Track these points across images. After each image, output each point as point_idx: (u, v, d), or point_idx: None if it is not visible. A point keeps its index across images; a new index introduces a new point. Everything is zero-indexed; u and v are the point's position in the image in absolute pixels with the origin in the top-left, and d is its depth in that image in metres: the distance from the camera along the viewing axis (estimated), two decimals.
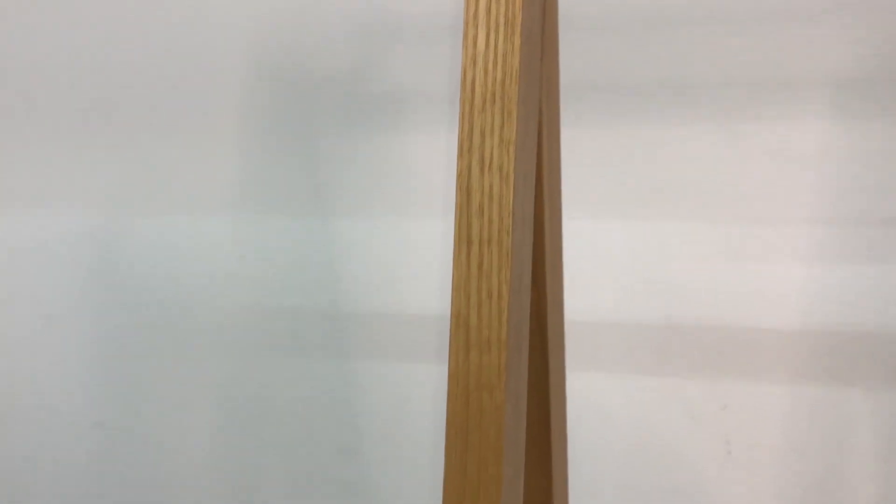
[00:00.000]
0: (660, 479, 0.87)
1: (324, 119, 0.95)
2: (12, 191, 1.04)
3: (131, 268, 1.01)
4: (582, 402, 0.82)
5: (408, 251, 0.93)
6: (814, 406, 0.84)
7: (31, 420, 1.05)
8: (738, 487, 0.86)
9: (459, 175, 0.39)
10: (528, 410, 0.51)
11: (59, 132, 1.02)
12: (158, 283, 1.00)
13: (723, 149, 0.84)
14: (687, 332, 0.86)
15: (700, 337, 0.86)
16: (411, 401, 0.94)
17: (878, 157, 0.81)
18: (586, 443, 0.86)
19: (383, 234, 0.94)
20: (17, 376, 1.05)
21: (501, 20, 0.38)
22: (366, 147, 0.93)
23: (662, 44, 0.84)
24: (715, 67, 0.83)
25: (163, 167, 0.99)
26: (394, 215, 0.93)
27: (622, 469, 0.88)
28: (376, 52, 0.93)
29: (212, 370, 1.00)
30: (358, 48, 0.93)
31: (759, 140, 0.83)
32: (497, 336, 0.39)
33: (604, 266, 0.87)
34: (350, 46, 0.93)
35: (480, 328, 0.39)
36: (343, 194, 0.94)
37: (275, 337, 0.98)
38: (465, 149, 0.38)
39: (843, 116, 0.81)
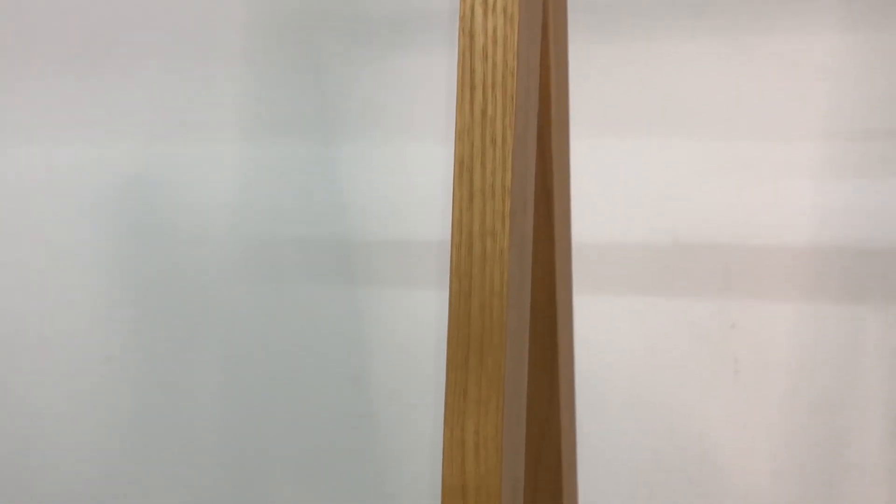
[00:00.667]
0: (667, 399, 0.87)
1: (327, 45, 0.94)
2: (15, 123, 1.03)
3: (136, 199, 1.00)
4: (589, 325, 0.82)
5: (411, 176, 0.92)
6: (823, 324, 0.83)
7: (40, 355, 1.05)
8: (746, 407, 0.85)
9: (462, 18, 0.38)
10: (533, 314, 0.51)
11: (61, 63, 1.01)
12: (164, 214, 1.00)
13: (733, 62, 0.83)
14: (695, 251, 0.85)
15: (708, 256, 0.85)
16: (417, 327, 0.94)
17: (891, 70, 0.80)
18: (593, 364, 0.86)
19: (387, 159, 0.93)
20: (25, 311, 1.05)
21: None
22: (368, 72, 0.92)
23: None
24: None
25: (165, 96, 0.98)
26: (397, 140, 0.93)
27: (629, 389, 0.87)
28: None
29: (219, 301, 1.00)
30: None
31: (771, 53, 0.82)
32: (501, 182, 0.38)
33: (610, 185, 0.87)
34: None
35: (485, 175, 0.38)
36: (346, 120, 0.94)
37: (281, 266, 0.97)
38: None
39: (856, 28, 0.80)
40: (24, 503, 1.07)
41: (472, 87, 0.38)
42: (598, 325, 0.87)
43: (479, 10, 0.38)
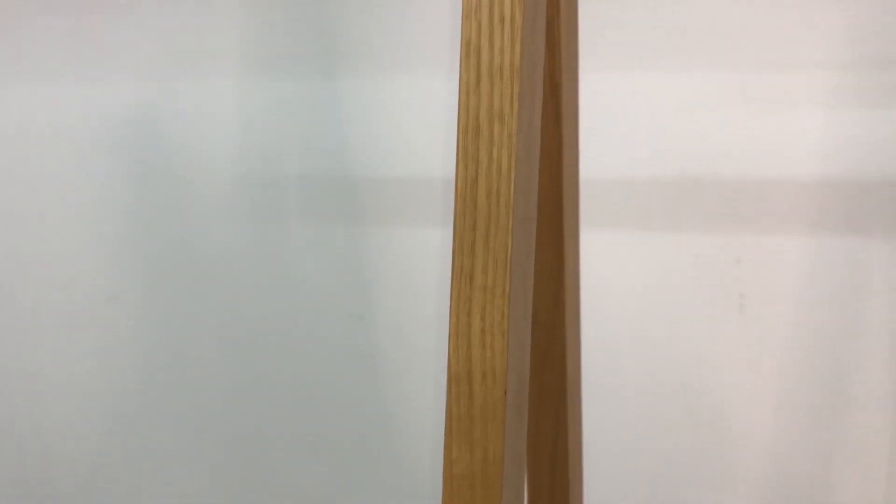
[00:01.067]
0: (672, 334, 0.86)
1: None
2: (16, 63, 1.02)
3: (138, 138, 1.00)
4: (594, 260, 0.81)
5: (414, 112, 0.91)
6: (829, 257, 0.82)
7: (45, 295, 1.05)
8: (750, 341, 0.85)
9: None
10: (540, 217, 0.50)
11: (61, 2, 1.00)
12: (166, 153, 0.99)
13: None
14: (701, 184, 0.85)
15: (715, 189, 0.84)
16: (419, 265, 0.93)
17: None
18: (598, 298, 0.85)
19: (389, 95, 0.92)
20: (28, 251, 1.04)
21: None
22: (369, 6, 0.91)
23: None
24: None
25: (165, 34, 0.97)
26: (400, 75, 0.92)
27: (634, 324, 0.87)
28: None
29: (222, 239, 0.99)
30: None
31: None
32: (510, 62, 0.37)
33: (615, 118, 0.86)
34: None
35: (492, 55, 0.38)
36: (347, 56, 0.93)
37: (282, 204, 0.97)
38: None
39: None
40: (26, 439, 1.07)
41: None
42: (603, 259, 0.86)
43: None
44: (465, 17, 0.38)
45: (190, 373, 1.02)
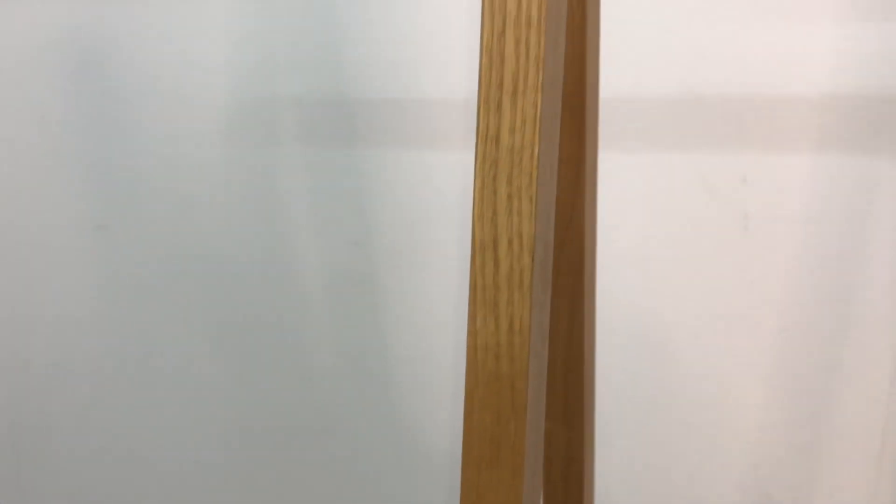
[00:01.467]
0: (676, 254, 0.85)
1: None
2: None
3: (126, 60, 0.96)
4: (599, 181, 0.80)
5: (419, 28, 0.89)
6: (836, 176, 0.81)
7: (33, 225, 1.02)
8: (755, 262, 0.84)
9: None
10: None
11: None
12: (155, 75, 0.96)
13: None
14: (707, 102, 0.83)
15: (721, 107, 0.83)
16: (415, 189, 0.91)
17: None
18: (602, 218, 0.84)
19: (387, 12, 0.89)
20: (16, 180, 1.02)
21: None
22: None
23: None
24: None
25: None
26: None
27: (638, 243, 0.86)
28: None
29: (213, 164, 0.97)
30: None
31: None
32: None
33: (620, 35, 0.83)
34: None
35: None
36: None
37: (276, 126, 0.94)
38: None
39: None
40: (16, 372, 1.05)
41: None
42: (608, 179, 0.85)
43: None
44: None
45: (181, 301, 1.00)
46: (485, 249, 0.37)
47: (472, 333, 0.37)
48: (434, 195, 0.91)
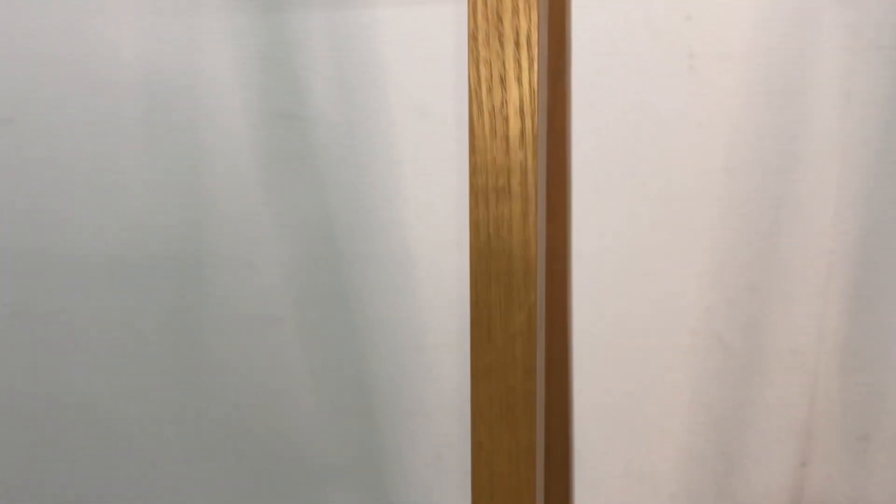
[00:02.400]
0: (620, 97, 0.82)
1: None
2: None
3: None
4: None
5: None
6: (781, 11, 0.78)
7: None
8: (701, 102, 0.81)
9: None
10: None
11: None
12: None
13: None
14: None
15: None
16: (353, 55, 0.85)
17: None
18: None
19: None
20: None
21: None
22: None
23: None
24: None
25: None
26: None
27: (584, 86, 0.82)
28: None
29: (125, 39, 0.88)
30: None
31: None
32: None
33: None
34: None
35: None
36: None
37: None
38: None
39: None
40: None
41: None
42: None
43: None
44: None
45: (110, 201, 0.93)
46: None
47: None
48: (372, 58, 0.85)
